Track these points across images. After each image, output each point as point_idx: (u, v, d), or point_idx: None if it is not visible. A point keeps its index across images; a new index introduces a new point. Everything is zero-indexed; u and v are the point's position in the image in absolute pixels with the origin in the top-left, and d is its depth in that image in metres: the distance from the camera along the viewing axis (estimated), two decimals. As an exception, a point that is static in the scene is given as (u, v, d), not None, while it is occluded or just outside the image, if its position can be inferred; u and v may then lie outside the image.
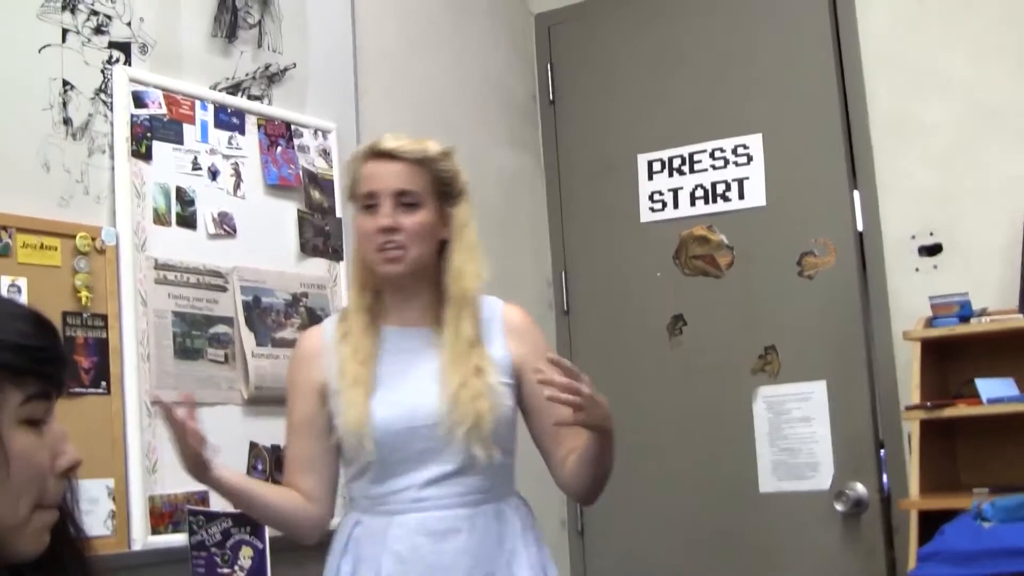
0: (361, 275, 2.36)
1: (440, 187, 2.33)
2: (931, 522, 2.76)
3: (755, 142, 3.67)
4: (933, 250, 3.32)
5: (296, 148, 3.09)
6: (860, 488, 3.40)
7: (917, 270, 3.35)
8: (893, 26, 3.46)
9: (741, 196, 3.69)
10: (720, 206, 3.72)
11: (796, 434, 3.52)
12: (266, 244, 2.97)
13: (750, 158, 3.68)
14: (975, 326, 2.98)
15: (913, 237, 3.36)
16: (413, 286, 2.33)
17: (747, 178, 3.68)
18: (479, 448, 2.22)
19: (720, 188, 3.73)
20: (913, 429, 3.00)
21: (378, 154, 2.31)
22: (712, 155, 3.75)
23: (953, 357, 3.16)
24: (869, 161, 3.47)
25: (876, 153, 3.46)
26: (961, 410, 2.93)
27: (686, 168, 3.80)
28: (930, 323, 3.06)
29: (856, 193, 3.52)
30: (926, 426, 2.99)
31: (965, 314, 2.99)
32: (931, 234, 3.34)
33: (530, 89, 4.10)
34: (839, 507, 3.40)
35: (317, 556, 2.39)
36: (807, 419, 3.51)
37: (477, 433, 2.21)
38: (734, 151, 3.71)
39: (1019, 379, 2.95)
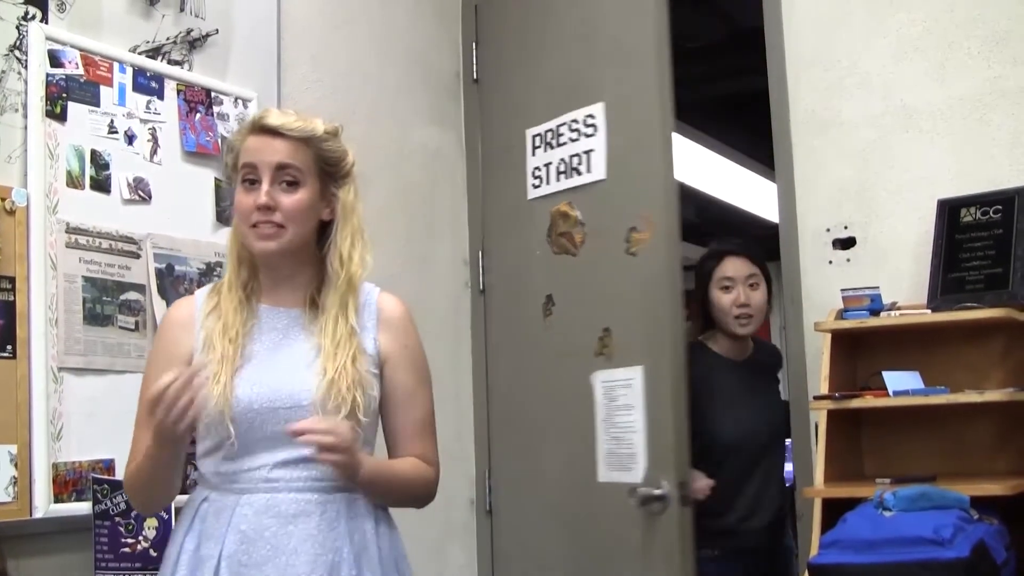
0: (238, 250, 2.30)
1: (324, 167, 2.27)
2: (835, 510, 2.81)
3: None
4: (847, 243, 3.38)
5: (215, 116, 3.05)
6: (765, 475, 3.44)
7: (831, 263, 3.40)
8: (817, 23, 3.49)
9: (589, 170, 3.50)
10: (573, 180, 3.55)
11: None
12: (181, 212, 2.93)
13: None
14: (884, 320, 3.02)
15: (828, 230, 3.41)
16: (288, 266, 2.28)
17: (593, 150, 3.48)
18: None
19: (574, 162, 3.55)
20: (821, 419, 3.05)
21: (262, 129, 2.23)
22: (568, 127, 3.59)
23: (862, 349, 3.21)
24: (788, 155, 3.51)
25: (795, 147, 3.50)
26: (868, 401, 2.98)
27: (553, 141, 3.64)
28: (841, 315, 3.10)
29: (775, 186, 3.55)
30: (833, 416, 3.03)
31: (875, 307, 3.04)
32: (845, 228, 3.38)
33: (454, 67, 4.08)
34: (746, 492, 3.43)
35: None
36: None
37: (353, 421, 2.18)
38: (584, 122, 3.53)
39: (925, 373, 3.00)
